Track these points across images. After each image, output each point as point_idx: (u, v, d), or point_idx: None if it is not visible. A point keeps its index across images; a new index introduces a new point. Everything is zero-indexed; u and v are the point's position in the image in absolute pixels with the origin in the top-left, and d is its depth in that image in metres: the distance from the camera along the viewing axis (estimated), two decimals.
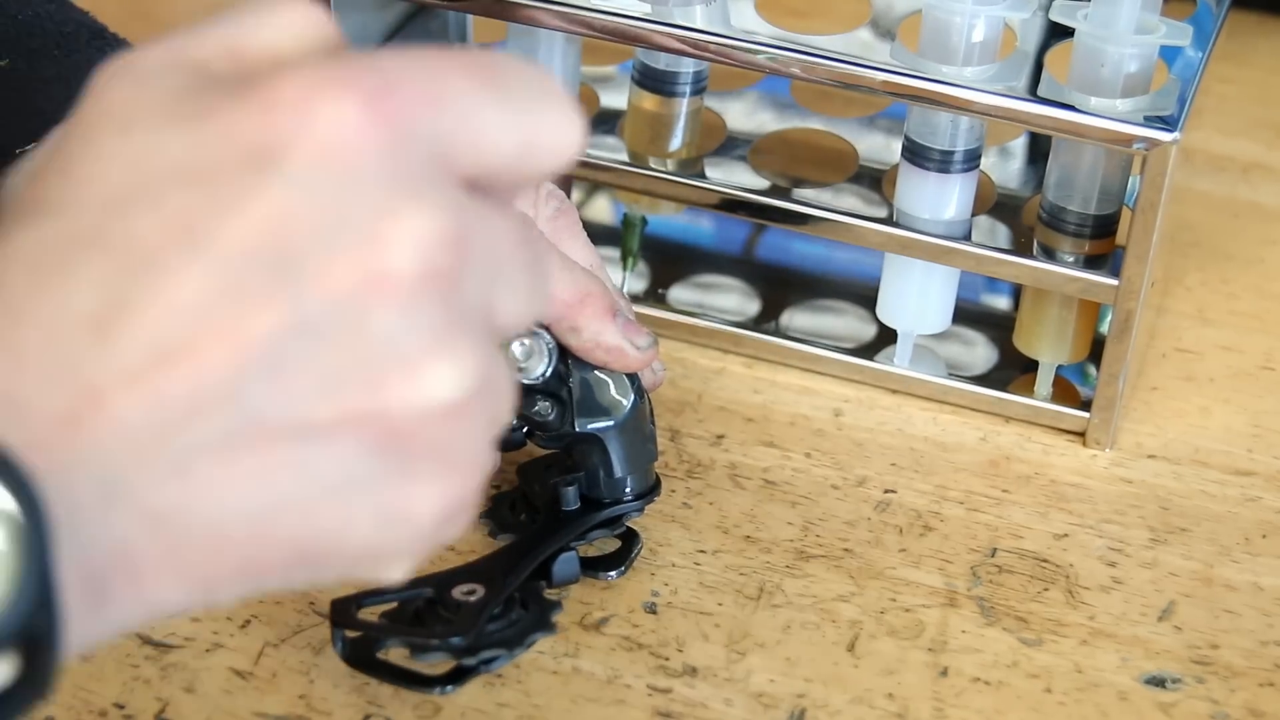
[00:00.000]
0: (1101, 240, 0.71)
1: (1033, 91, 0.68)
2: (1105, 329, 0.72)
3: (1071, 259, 0.71)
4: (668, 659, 0.62)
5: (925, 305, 0.74)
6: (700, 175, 0.75)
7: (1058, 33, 0.73)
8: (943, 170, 0.71)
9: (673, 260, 0.81)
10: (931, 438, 0.72)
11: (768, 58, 0.70)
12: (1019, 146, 0.80)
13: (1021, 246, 0.72)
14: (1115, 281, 0.70)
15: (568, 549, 0.64)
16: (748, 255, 0.82)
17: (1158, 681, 0.62)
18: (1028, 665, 0.63)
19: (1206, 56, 0.71)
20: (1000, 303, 0.80)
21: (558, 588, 0.64)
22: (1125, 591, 0.66)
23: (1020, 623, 0.64)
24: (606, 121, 0.78)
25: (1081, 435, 0.73)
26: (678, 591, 0.64)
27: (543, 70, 0.43)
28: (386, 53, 0.41)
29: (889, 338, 0.75)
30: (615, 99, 0.80)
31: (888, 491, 0.70)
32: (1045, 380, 0.74)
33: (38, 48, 0.62)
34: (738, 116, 0.80)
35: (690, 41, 0.71)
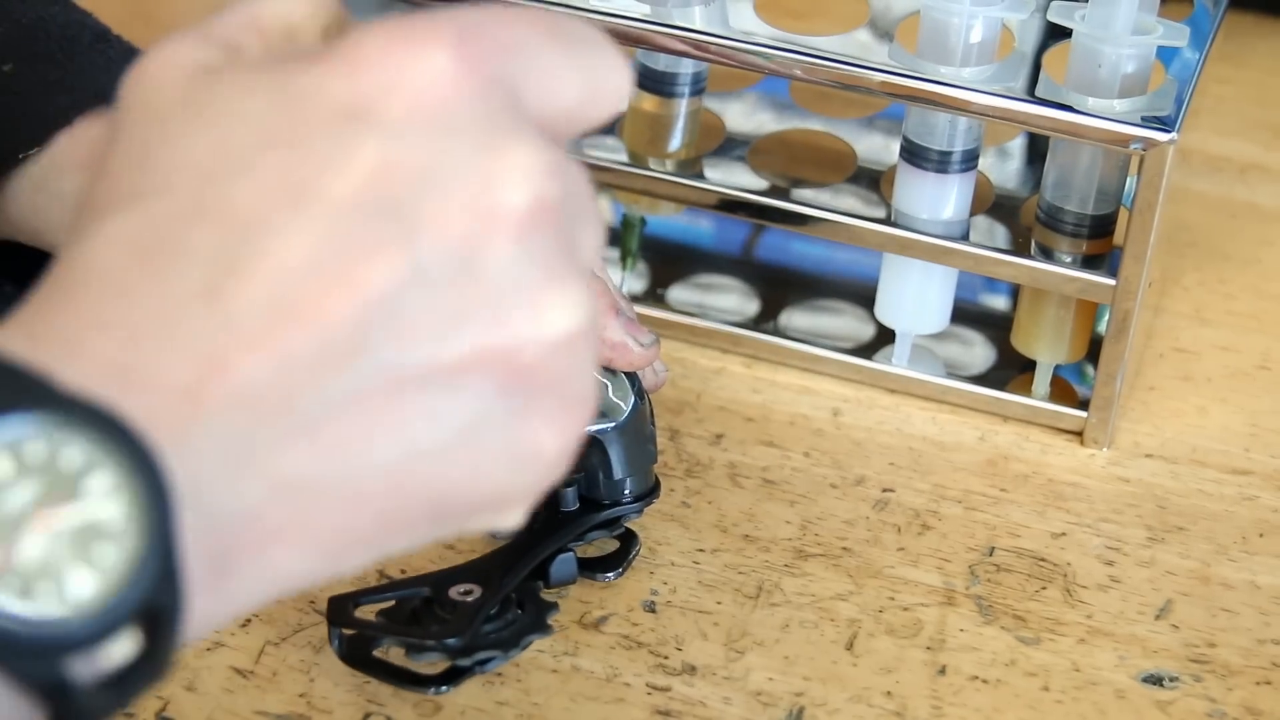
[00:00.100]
0: (1099, 240, 0.71)
1: (1030, 92, 0.69)
2: (1103, 329, 0.72)
3: (1069, 259, 0.71)
4: (667, 657, 0.62)
5: (923, 305, 0.74)
6: (699, 176, 0.75)
7: (1055, 33, 0.73)
8: (941, 170, 0.72)
9: (672, 260, 0.81)
10: (930, 437, 0.73)
11: (767, 59, 0.70)
12: (1017, 147, 0.80)
13: (1019, 246, 0.73)
14: (1113, 281, 0.70)
15: (566, 550, 0.64)
16: (747, 255, 0.82)
17: (1155, 680, 0.63)
18: (1025, 664, 0.63)
19: (1204, 57, 0.71)
20: (998, 303, 0.80)
21: (555, 588, 0.64)
22: (1123, 590, 0.66)
23: (1018, 621, 0.64)
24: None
25: (1079, 435, 0.73)
26: (677, 590, 0.65)
27: (593, 24, 0.44)
28: (454, 8, 0.41)
29: (887, 337, 0.76)
30: None
31: (886, 491, 0.70)
32: (1043, 380, 0.74)
33: (40, 51, 0.62)
34: (737, 117, 0.80)
35: (691, 42, 0.71)
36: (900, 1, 0.75)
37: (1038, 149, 0.79)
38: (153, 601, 0.37)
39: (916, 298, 0.74)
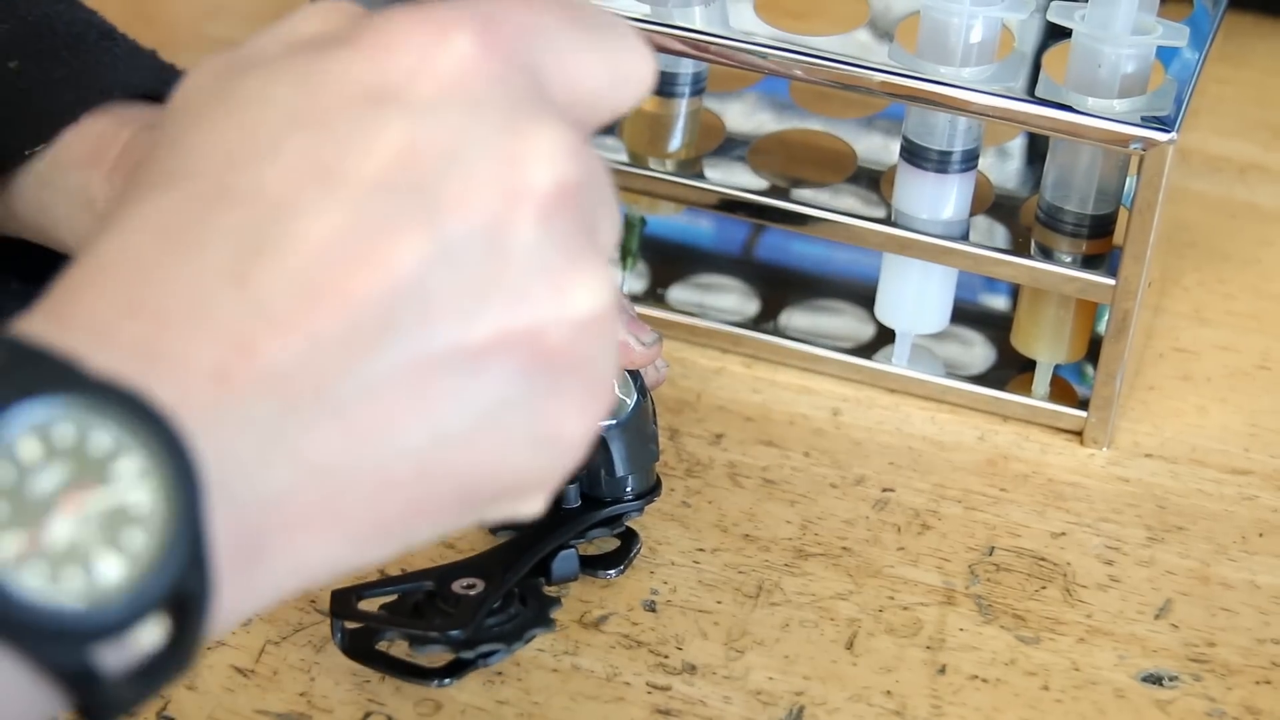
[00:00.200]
0: (1099, 240, 0.71)
1: (1030, 92, 0.69)
2: (1102, 329, 0.72)
3: (1069, 259, 0.71)
4: (667, 657, 0.62)
5: (923, 305, 0.74)
6: (699, 176, 0.75)
7: (1055, 33, 0.73)
8: (941, 170, 0.72)
9: (672, 260, 0.81)
10: (930, 437, 0.73)
11: (767, 59, 0.70)
12: (1017, 147, 0.80)
13: (1019, 246, 0.73)
14: (1112, 281, 0.70)
15: (567, 546, 0.64)
16: (747, 255, 0.82)
17: (1155, 679, 0.63)
18: (1025, 663, 0.63)
19: (1203, 57, 0.71)
20: (998, 302, 0.80)
21: (556, 585, 0.64)
22: (1122, 590, 0.66)
23: (1018, 621, 0.64)
24: None
25: (1079, 434, 0.73)
26: (677, 590, 0.65)
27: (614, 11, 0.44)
28: None
29: (887, 337, 0.76)
30: None
31: (886, 490, 0.70)
32: (1043, 380, 0.74)
33: (46, 49, 0.62)
34: (737, 117, 0.80)
35: (691, 42, 0.71)
36: (900, 1, 0.75)
37: (1037, 149, 0.79)
38: (181, 587, 0.37)
39: (916, 298, 0.74)
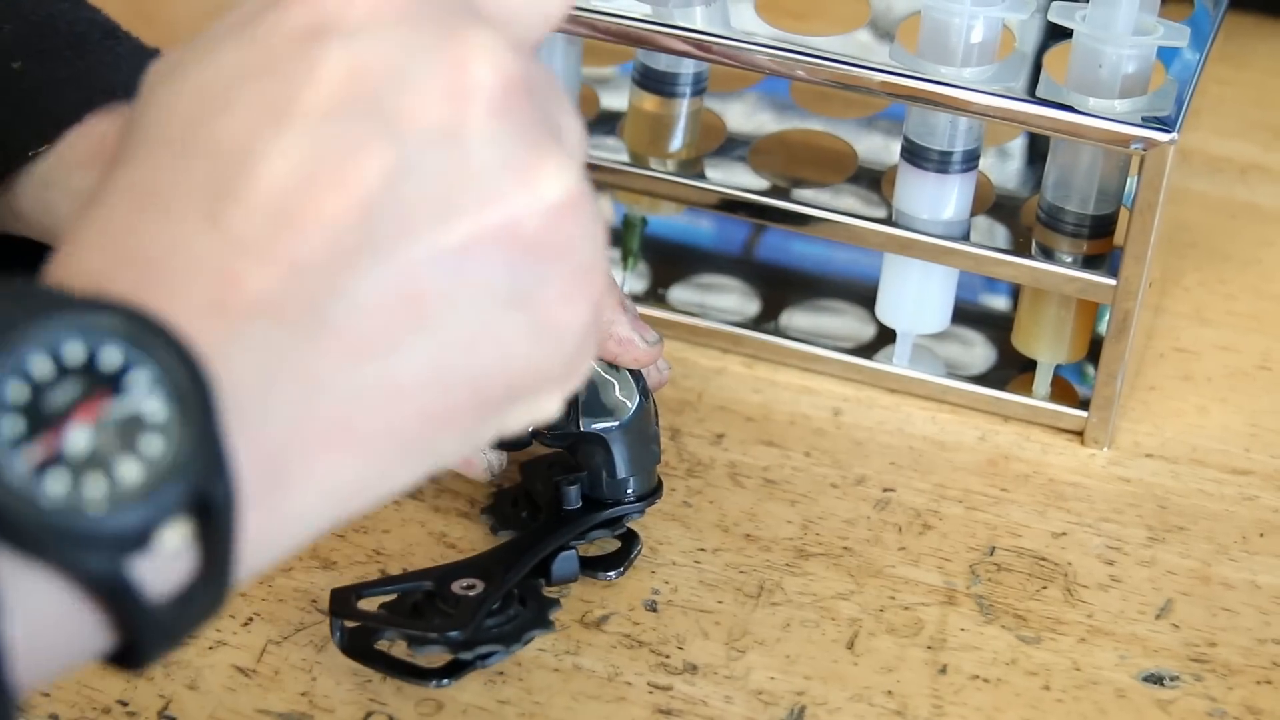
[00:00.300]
0: (1099, 240, 0.71)
1: (1031, 92, 0.69)
2: (1103, 329, 0.72)
3: (1070, 259, 0.71)
4: (668, 656, 0.62)
5: (924, 305, 0.74)
6: (700, 176, 0.75)
7: (1056, 34, 0.73)
8: (941, 171, 0.72)
9: (673, 260, 0.81)
10: (930, 437, 0.73)
11: (770, 59, 0.70)
12: (1017, 147, 0.80)
13: (1020, 247, 0.73)
14: (1113, 281, 0.70)
15: (567, 548, 0.64)
16: (747, 255, 0.82)
17: (1156, 679, 0.63)
18: (1026, 663, 0.63)
19: (1204, 58, 0.71)
20: (999, 303, 0.80)
21: (557, 586, 0.64)
22: (1123, 590, 0.66)
23: (1019, 621, 0.64)
24: (607, 122, 0.79)
25: (1080, 434, 0.73)
26: (678, 589, 0.65)
27: None
28: None
29: (888, 337, 0.76)
30: (615, 100, 0.80)
31: (887, 490, 0.70)
32: (1043, 380, 0.74)
33: (49, 48, 0.62)
34: (737, 117, 0.80)
35: (692, 42, 0.71)
36: (901, 2, 0.75)
37: (1038, 149, 0.79)
38: (204, 491, 0.38)
39: (917, 298, 0.74)
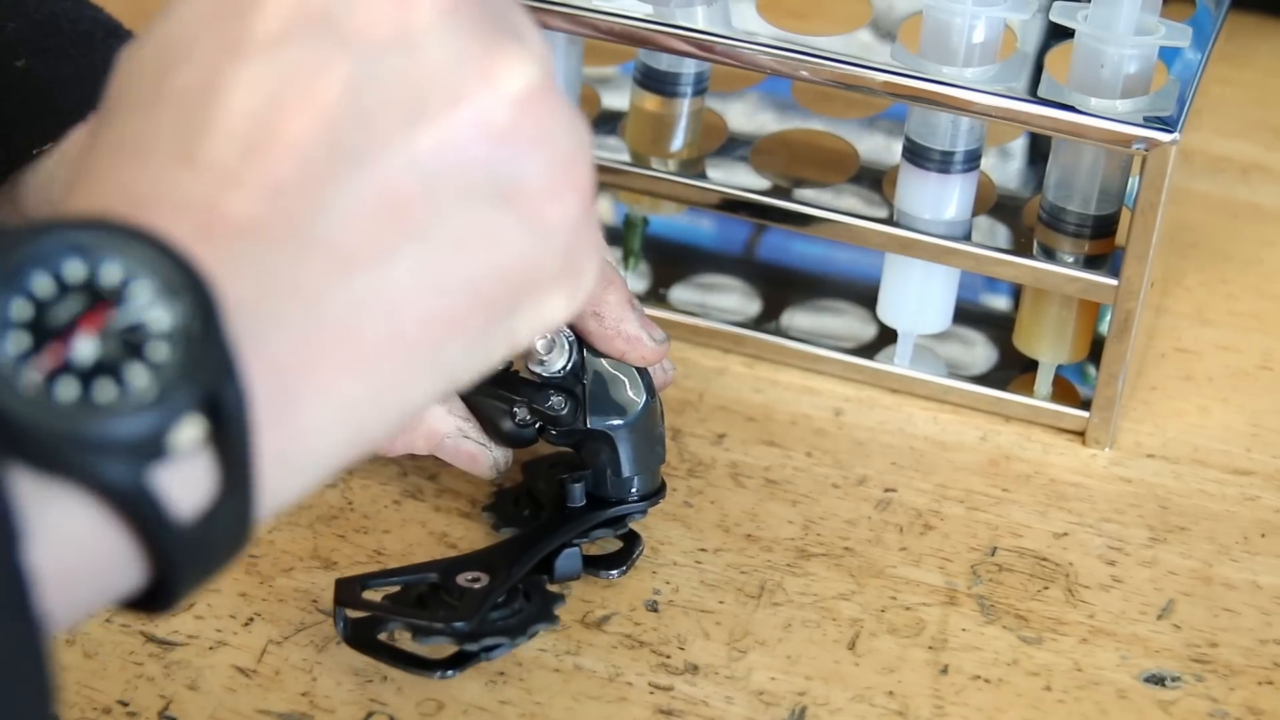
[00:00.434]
0: (1101, 240, 0.71)
1: (1033, 92, 0.69)
2: (1105, 329, 0.72)
3: (1071, 259, 0.71)
4: (669, 657, 0.62)
5: (925, 305, 0.74)
6: (701, 176, 0.75)
7: (1058, 34, 0.73)
8: (943, 171, 0.72)
9: (674, 260, 0.81)
10: (932, 437, 0.73)
11: (771, 58, 0.70)
12: (1019, 147, 0.80)
13: (1021, 247, 0.73)
14: (1115, 282, 0.70)
15: (571, 545, 0.64)
16: (749, 255, 0.82)
17: (1157, 679, 0.63)
18: (1027, 663, 0.63)
19: (1206, 58, 0.71)
20: (1000, 303, 0.80)
21: (559, 583, 0.64)
22: (1125, 590, 0.66)
23: (1020, 621, 0.64)
24: (608, 122, 0.79)
25: (1081, 435, 0.73)
26: (679, 590, 0.65)
27: None
28: None
29: (889, 337, 0.76)
30: (617, 100, 0.80)
31: (888, 490, 0.70)
32: (1045, 380, 0.74)
33: (53, 47, 0.62)
34: (739, 117, 0.80)
35: (694, 42, 0.71)
36: (903, 1, 0.75)
37: (1040, 149, 0.79)
38: (215, 393, 0.38)
39: (918, 298, 0.74)
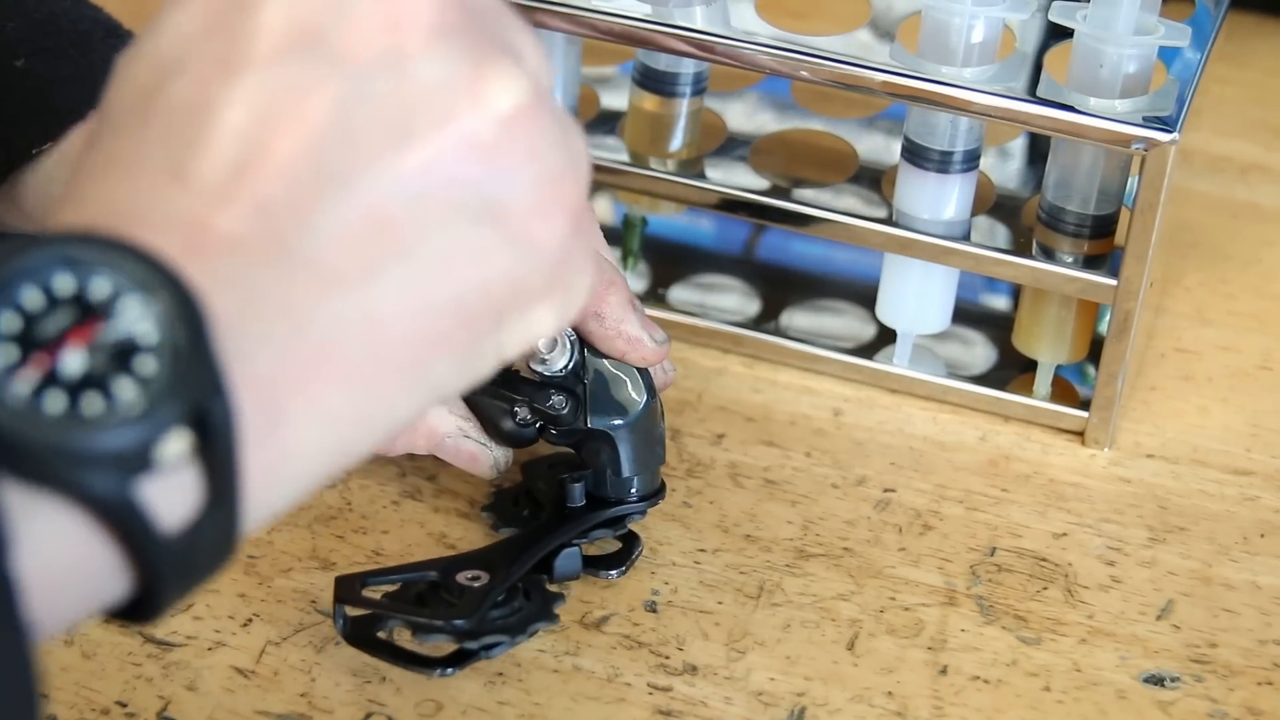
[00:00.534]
0: (1100, 240, 0.71)
1: (1032, 92, 0.69)
2: (1104, 329, 0.72)
3: (1070, 259, 0.71)
4: (668, 657, 0.62)
5: (924, 305, 0.74)
6: (700, 176, 0.75)
7: (1057, 33, 0.73)
8: (942, 170, 0.72)
9: (673, 260, 0.81)
10: (931, 437, 0.73)
11: (770, 58, 0.70)
12: (1018, 147, 0.80)
13: (1021, 247, 0.73)
14: (1114, 281, 0.70)
15: (570, 545, 0.64)
16: (748, 255, 0.82)
17: (1156, 680, 0.63)
18: (1027, 664, 0.63)
19: (1205, 57, 0.71)
20: (999, 303, 0.80)
21: (558, 583, 0.64)
22: (1124, 590, 0.66)
23: (1019, 621, 0.64)
24: (607, 122, 0.79)
25: (1080, 435, 0.73)
26: (678, 590, 0.65)
27: None
28: None
29: (888, 337, 0.76)
30: (615, 100, 0.80)
31: (887, 491, 0.70)
32: (1044, 380, 0.74)
33: (53, 47, 0.62)
34: (738, 117, 0.80)
35: (693, 42, 0.71)
36: (902, 1, 0.75)
37: (1039, 149, 0.79)
38: (202, 407, 0.38)
39: (917, 298, 0.74)
